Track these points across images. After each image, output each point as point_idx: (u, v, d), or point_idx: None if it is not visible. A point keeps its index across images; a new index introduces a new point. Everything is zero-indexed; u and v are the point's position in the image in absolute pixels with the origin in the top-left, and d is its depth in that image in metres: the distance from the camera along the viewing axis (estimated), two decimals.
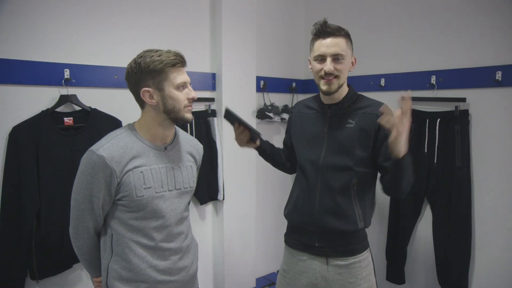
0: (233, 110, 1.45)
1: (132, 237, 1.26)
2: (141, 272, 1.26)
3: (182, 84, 1.25)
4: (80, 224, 1.25)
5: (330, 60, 1.36)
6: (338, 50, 1.36)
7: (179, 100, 1.24)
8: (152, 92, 1.23)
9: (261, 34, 2.72)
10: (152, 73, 1.21)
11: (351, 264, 1.41)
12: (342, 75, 1.38)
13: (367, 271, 1.44)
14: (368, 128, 1.38)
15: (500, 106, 1.99)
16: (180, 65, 1.24)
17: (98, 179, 1.19)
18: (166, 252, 1.30)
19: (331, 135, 1.42)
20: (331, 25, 1.37)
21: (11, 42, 1.77)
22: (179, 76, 1.24)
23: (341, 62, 1.37)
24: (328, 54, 1.36)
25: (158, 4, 2.25)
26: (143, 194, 1.24)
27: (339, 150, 1.40)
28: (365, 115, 1.40)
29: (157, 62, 1.20)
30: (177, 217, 1.33)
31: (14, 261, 1.75)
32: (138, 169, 1.24)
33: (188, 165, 1.40)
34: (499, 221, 2.02)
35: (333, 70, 1.35)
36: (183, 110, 1.26)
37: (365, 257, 1.45)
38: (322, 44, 1.37)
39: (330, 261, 1.42)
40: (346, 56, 1.38)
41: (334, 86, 1.38)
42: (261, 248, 2.86)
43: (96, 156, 1.19)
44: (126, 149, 1.23)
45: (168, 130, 1.32)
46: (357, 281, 1.41)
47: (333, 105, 1.45)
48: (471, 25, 2.08)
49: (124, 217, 1.26)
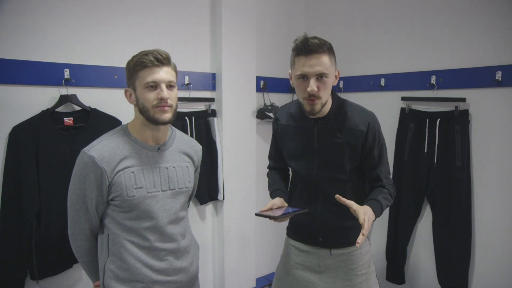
0: (259, 212, 1.32)
1: (127, 236, 1.26)
2: (137, 271, 1.26)
3: (151, 84, 1.21)
4: (76, 225, 1.27)
5: (313, 80, 1.28)
6: (322, 69, 1.27)
7: (146, 99, 1.22)
8: (130, 91, 1.27)
9: (261, 34, 2.72)
10: (128, 73, 1.26)
11: (352, 252, 1.48)
12: (325, 94, 1.32)
13: (366, 258, 1.52)
14: (355, 144, 1.38)
15: (500, 106, 1.99)
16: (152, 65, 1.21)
17: (89, 180, 1.21)
18: (161, 252, 1.30)
19: (322, 150, 1.41)
20: (313, 41, 1.28)
21: (11, 42, 1.77)
22: (149, 76, 1.21)
23: (324, 81, 1.29)
24: (312, 74, 1.28)
25: (158, 4, 2.25)
26: (134, 194, 1.24)
27: (331, 165, 1.41)
28: (351, 131, 1.38)
29: (132, 63, 1.23)
30: (170, 217, 1.33)
31: (14, 261, 1.75)
32: (129, 169, 1.25)
33: (184, 166, 1.39)
34: (499, 221, 2.01)
35: (316, 91, 1.28)
36: (152, 110, 1.23)
37: (364, 245, 1.51)
38: (305, 63, 1.28)
39: (333, 251, 1.49)
40: (329, 74, 1.30)
41: (318, 107, 1.32)
42: (261, 248, 2.86)
43: (87, 156, 1.21)
44: (117, 150, 1.24)
45: (155, 130, 1.30)
46: (358, 267, 1.48)
47: (320, 120, 1.40)
48: (471, 25, 2.08)
49: (117, 217, 1.27)
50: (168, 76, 1.24)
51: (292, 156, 1.50)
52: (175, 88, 1.28)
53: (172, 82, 1.26)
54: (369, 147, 1.38)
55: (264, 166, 1.84)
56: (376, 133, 1.39)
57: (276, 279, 1.62)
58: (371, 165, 1.42)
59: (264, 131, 2.83)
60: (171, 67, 1.28)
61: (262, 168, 2.75)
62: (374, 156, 1.40)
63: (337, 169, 1.41)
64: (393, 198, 1.43)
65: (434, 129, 2.15)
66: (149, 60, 1.20)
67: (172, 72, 1.27)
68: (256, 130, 2.71)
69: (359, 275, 1.48)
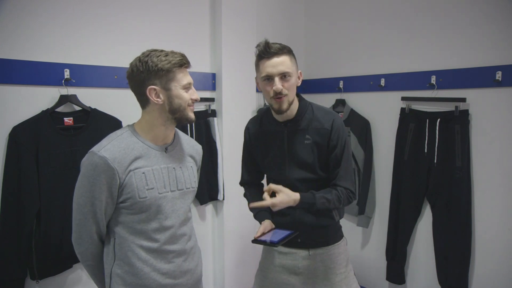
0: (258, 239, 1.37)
1: (135, 240, 1.24)
2: (145, 276, 1.24)
3: (188, 85, 1.27)
4: (83, 228, 1.23)
5: (277, 79, 1.38)
6: (284, 68, 1.38)
7: (184, 99, 1.26)
8: (158, 91, 1.23)
9: (261, 34, 2.71)
10: (160, 72, 1.21)
11: (330, 251, 1.54)
12: (290, 93, 1.41)
13: (344, 256, 1.57)
14: (322, 143, 1.45)
15: (500, 106, 1.98)
16: (186, 66, 1.27)
17: (100, 181, 1.18)
18: (169, 255, 1.29)
19: (291, 153, 1.48)
20: (273, 45, 1.39)
21: (11, 42, 1.77)
22: (186, 77, 1.26)
23: (288, 80, 1.40)
24: (275, 73, 1.38)
25: (158, 4, 2.25)
26: (146, 195, 1.23)
27: (302, 166, 1.48)
28: (318, 130, 1.46)
29: (165, 62, 1.21)
30: (180, 218, 1.32)
31: (14, 261, 1.75)
32: (140, 170, 1.23)
33: (189, 166, 1.39)
34: (499, 221, 2.01)
35: (281, 89, 1.38)
36: (188, 109, 1.28)
37: (341, 244, 1.58)
38: (268, 64, 1.39)
39: (311, 251, 1.53)
40: (292, 73, 1.40)
41: (285, 105, 1.41)
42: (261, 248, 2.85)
43: (98, 157, 1.17)
44: (128, 150, 1.22)
45: (169, 130, 1.32)
46: (336, 266, 1.54)
47: (288, 122, 1.48)
48: (471, 25, 2.08)
49: (126, 220, 1.24)
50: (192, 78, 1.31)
51: (265, 161, 1.56)
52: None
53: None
54: (332, 145, 1.45)
55: None
56: (340, 133, 1.45)
57: (255, 284, 1.65)
58: (332, 165, 1.47)
59: None
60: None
61: None
62: (336, 155, 1.45)
63: (308, 169, 1.47)
64: (341, 203, 1.45)
65: (434, 129, 2.15)
66: (187, 61, 1.26)
67: None
68: None
69: (337, 274, 1.53)
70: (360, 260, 2.70)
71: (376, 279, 2.61)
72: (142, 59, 1.23)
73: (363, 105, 2.63)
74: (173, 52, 1.25)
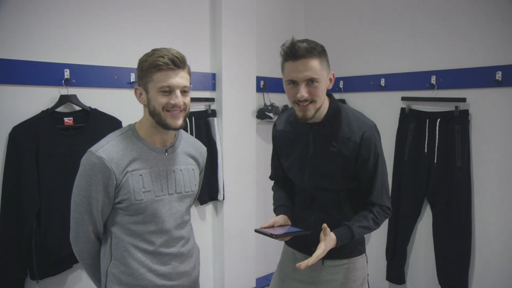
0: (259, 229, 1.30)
1: (131, 241, 1.23)
2: (141, 276, 1.24)
3: (165, 88, 1.17)
4: (79, 227, 1.23)
5: (303, 86, 1.22)
6: (311, 74, 1.21)
7: (159, 103, 1.18)
8: (141, 91, 1.22)
9: (261, 34, 2.72)
10: (141, 72, 1.20)
11: (345, 265, 1.40)
12: (318, 99, 1.24)
13: (360, 274, 1.42)
14: (348, 154, 1.29)
15: (500, 106, 1.99)
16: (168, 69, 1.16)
17: (96, 181, 1.17)
18: (166, 257, 1.28)
19: (315, 158, 1.35)
20: (301, 45, 1.21)
21: (11, 42, 1.77)
22: (164, 80, 1.16)
23: (315, 86, 1.22)
24: (301, 79, 1.22)
25: (158, 4, 2.25)
26: (142, 197, 1.21)
27: (322, 175, 1.35)
28: (346, 140, 1.29)
29: (145, 62, 1.17)
30: (177, 221, 1.30)
31: (14, 261, 1.75)
32: (137, 172, 1.21)
33: (190, 168, 1.36)
34: (499, 221, 2.02)
35: (307, 97, 1.22)
36: (164, 114, 1.19)
37: (360, 261, 1.42)
38: (293, 68, 1.22)
39: (325, 262, 1.41)
40: (321, 79, 1.23)
41: (311, 112, 1.25)
42: (261, 248, 2.86)
43: (95, 157, 1.17)
44: (126, 151, 1.21)
45: (164, 133, 1.27)
46: (349, 282, 1.39)
47: (315, 125, 1.33)
48: (471, 25, 2.08)
49: (123, 221, 1.23)
50: (183, 81, 1.20)
51: (287, 162, 1.45)
52: (189, 93, 1.24)
53: (186, 87, 1.21)
54: (363, 159, 1.28)
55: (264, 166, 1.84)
56: (372, 146, 1.28)
57: (272, 285, 1.58)
58: (365, 180, 1.32)
59: (264, 131, 2.83)
60: (186, 71, 1.23)
61: (262, 168, 2.76)
62: (368, 169, 1.30)
63: (328, 179, 1.34)
64: (380, 223, 1.33)
65: (434, 129, 2.15)
66: (164, 62, 1.15)
67: (186, 76, 1.22)
68: (256, 130, 2.71)
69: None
70: None
71: (376, 279, 2.61)
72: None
73: (363, 105, 2.63)
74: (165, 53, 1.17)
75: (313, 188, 1.38)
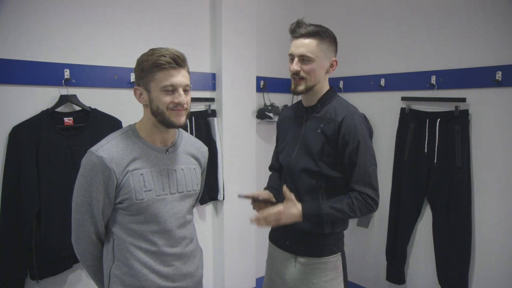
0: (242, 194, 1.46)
1: (133, 242, 1.23)
2: (144, 277, 1.23)
3: (169, 87, 1.17)
4: (81, 228, 1.22)
5: (296, 60, 1.35)
6: (305, 51, 1.32)
7: (162, 102, 1.18)
8: (141, 91, 1.21)
9: (261, 34, 2.72)
10: (141, 72, 1.19)
11: (315, 265, 1.40)
12: (310, 77, 1.34)
13: (332, 275, 1.40)
14: (330, 134, 1.35)
15: (500, 106, 1.99)
16: (170, 68, 1.17)
17: (97, 181, 1.16)
18: (169, 258, 1.27)
19: (304, 138, 1.42)
20: (306, 26, 1.33)
21: (11, 42, 1.77)
22: (167, 79, 1.17)
23: (307, 63, 1.33)
24: (296, 54, 1.35)
25: (158, 4, 2.25)
26: (143, 197, 1.21)
27: (307, 154, 1.39)
28: (330, 121, 1.36)
29: (146, 62, 1.17)
30: (179, 221, 1.30)
31: (14, 261, 1.75)
32: (138, 171, 1.21)
33: (192, 168, 1.36)
34: (499, 221, 2.02)
35: (298, 70, 1.34)
36: (168, 113, 1.19)
37: (332, 260, 1.41)
38: (293, 44, 1.36)
39: (298, 258, 1.43)
40: (315, 58, 1.33)
41: (301, 87, 1.36)
42: (261, 248, 2.86)
43: (95, 157, 1.16)
44: (126, 151, 1.21)
45: (165, 132, 1.27)
46: (320, 283, 1.39)
47: (309, 108, 1.44)
48: (471, 25, 2.08)
49: (124, 221, 1.23)
50: (184, 80, 1.20)
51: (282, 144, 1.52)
52: (190, 91, 1.24)
53: (188, 86, 1.22)
54: (343, 143, 1.33)
55: (264, 166, 1.84)
56: (352, 130, 1.32)
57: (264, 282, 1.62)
58: (347, 165, 1.34)
59: (264, 131, 2.83)
60: (187, 69, 1.23)
61: (262, 168, 2.75)
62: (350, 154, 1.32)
63: (311, 159, 1.37)
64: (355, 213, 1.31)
65: (434, 129, 2.15)
66: (167, 61, 1.15)
67: (187, 75, 1.23)
68: (256, 130, 2.71)
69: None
70: (360, 260, 2.70)
71: (376, 279, 2.61)
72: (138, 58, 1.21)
73: (363, 105, 2.62)
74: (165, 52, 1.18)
75: (296, 168, 1.41)
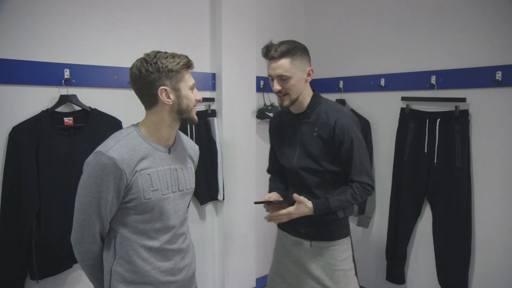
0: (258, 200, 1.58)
1: (137, 239, 1.26)
2: (146, 274, 1.27)
3: (193, 86, 1.31)
4: (86, 228, 1.23)
5: (276, 81, 1.49)
6: (281, 72, 1.46)
7: (191, 100, 1.30)
8: (169, 91, 1.25)
9: (261, 34, 2.72)
10: (170, 73, 1.24)
11: (331, 247, 1.59)
12: (292, 92, 1.49)
13: (346, 254, 1.61)
14: (326, 137, 1.52)
15: (500, 106, 1.98)
16: (192, 68, 1.31)
17: (107, 182, 1.18)
18: (169, 253, 1.32)
19: (302, 143, 1.58)
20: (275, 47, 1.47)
21: (11, 42, 1.78)
22: (191, 78, 1.31)
23: (287, 81, 1.47)
24: (274, 76, 1.48)
25: (158, 4, 2.25)
26: (150, 196, 1.24)
27: (309, 156, 1.56)
28: (324, 125, 1.53)
29: (175, 63, 1.24)
30: (180, 218, 1.35)
31: (14, 261, 1.75)
32: (145, 171, 1.24)
33: (188, 166, 1.42)
34: (499, 221, 2.01)
35: (279, 89, 1.48)
36: (193, 110, 1.32)
37: (344, 242, 1.62)
38: (269, 66, 1.50)
39: (313, 243, 1.60)
40: (292, 75, 1.47)
41: (287, 102, 1.51)
42: (261, 248, 2.86)
43: (106, 157, 1.17)
44: (135, 151, 1.23)
45: (174, 131, 1.34)
46: (335, 262, 1.58)
47: (300, 115, 1.58)
48: (471, 25, 2.08)
49: (129, 220, 1.25)
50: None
51: (280, 149, 1.67)
52: None
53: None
54: (339, 141, 1.50)
55: (264, 166, 1.85)
56: (346, 130, 1.49)
57: (270, 269, 1.76)
58: (344, 160, 1.52)
59: (264, 131, 2.82)
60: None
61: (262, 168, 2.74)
62: (346, 151, 1.50)
63: (312, 160, 1.54)
64: (357, 200, 1.52)
65: (434, 129, 2.15)
66: (192, 63, 1.30)
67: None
68: (256, 130, 2.71)
69: (336, 270, 1.57)
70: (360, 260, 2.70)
71: (376, 279, 2.61)
72: (150, 60, 1.23)
73: (363, 105, 2.63)
74: (177, 54, 1.29)
75: (301, 169, 1.57)
